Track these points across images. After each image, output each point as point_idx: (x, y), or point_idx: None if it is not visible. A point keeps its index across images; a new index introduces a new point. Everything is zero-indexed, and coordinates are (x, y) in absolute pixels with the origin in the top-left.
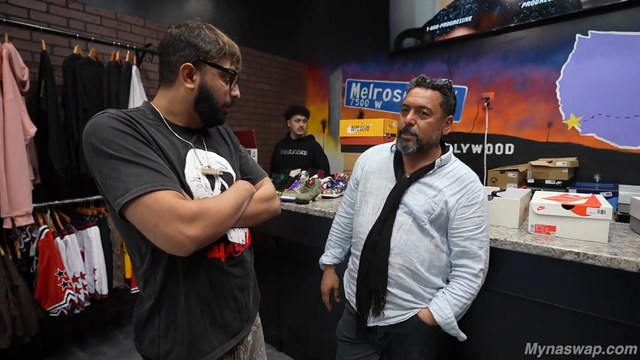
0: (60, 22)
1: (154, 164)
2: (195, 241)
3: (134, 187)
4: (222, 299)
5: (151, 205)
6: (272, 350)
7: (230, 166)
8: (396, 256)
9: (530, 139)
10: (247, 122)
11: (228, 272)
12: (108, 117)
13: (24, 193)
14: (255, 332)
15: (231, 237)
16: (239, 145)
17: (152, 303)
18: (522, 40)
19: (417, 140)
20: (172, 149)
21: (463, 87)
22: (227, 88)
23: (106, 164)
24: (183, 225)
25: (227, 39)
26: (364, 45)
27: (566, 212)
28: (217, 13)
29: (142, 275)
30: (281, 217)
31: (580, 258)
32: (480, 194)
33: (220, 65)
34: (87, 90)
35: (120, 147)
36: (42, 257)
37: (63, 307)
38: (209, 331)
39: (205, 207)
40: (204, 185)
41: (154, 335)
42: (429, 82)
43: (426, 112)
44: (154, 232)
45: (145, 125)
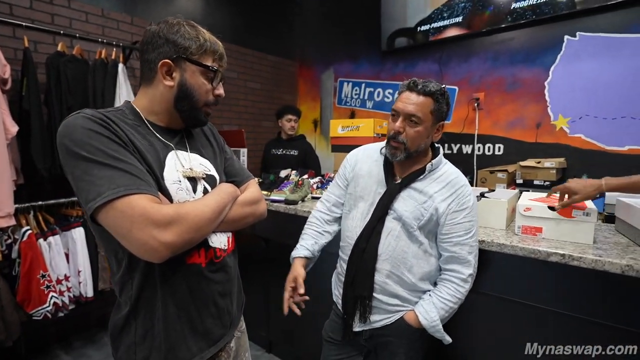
0: (44, 18)
1: (129, 167)
2: (170, 247)
3: (107, 191)
4: (202, 306)
5: (124, 210)
6: (261, 352)
7: (214, 168)
8: (384, 262)
9: (520, 139)
10: (238, 122)
11: (208, 278)
12: (82, 117)
13: (5, 194)
14: (239, 338)
15: (212, 242)
16: (224, 147)
17: (129, 309)
18: (512, 41)
19: (404, 149)
20: (151, 151)
21: (454, 87)
22: (209, 86)
23: (79, 167)
24: (157, 231)
25: (210, 35)
26: (356, 44)
27: (552, 213)
28: (206, 10)
29: (119, 280)
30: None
31: (565, 259)
32: (471, 198)
33: (200, 62)
34: (71, 89)
35: (94, 148)
36: (24, 259)
37: (46, 310)
38: (187, 338)
39: (182, 212)
40: (184, 189)
41: (131, 342)
42: (421, 88)
43: (415, 121)
44: (127, 238)
45: (122, 126)
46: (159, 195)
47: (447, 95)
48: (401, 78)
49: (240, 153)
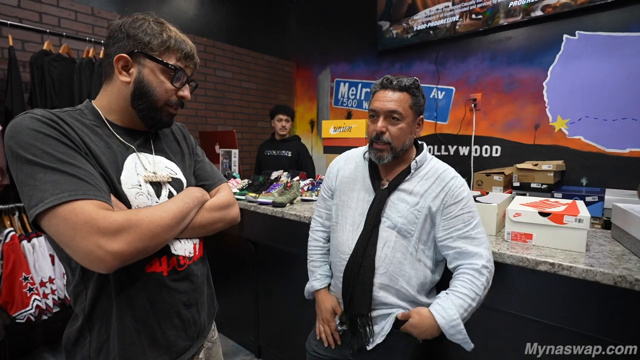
0: (32, 17)
1: (76, 170)
2: (119, 257)
3: (50, 197)
4: (163, 317)
5: (67, 217)
6: (251, 357)
7: (181, 171)
8: (381, 276)
9: (518, 141)
10: (232, 122)
11: (171, 288)
12: (30, 117)
13: None
14: (209, 349)
15: (175, 250)
16: (196, 149)
17: (82, 321)
18: (509, 40)
19: (390, 149)
20: (108, 153)
21: (450, 87)
22: (170, 86)
23: (23, 170)
24: (104, 240)
25: (177, 34)
26: (352, 44)
27: (543, 219)
28: (200, 9)
29: (72, 290)
30: (259, 220)
31: (555, 269)
32: (464, 189)
33: (159, 59)
34: (56, 88)
35: (40, 151)
36: (6, 261)
37: (29, 313)
38: (147, 352)
39: (134, 219)
40: (145, 193)
41: (84, 356)
42: (396, 84)
43: (397, 117)
44: (71, 247)
45: (76, 127)
46: (110, 201)
47: (421, 88)
48: None
49: (232, 154)
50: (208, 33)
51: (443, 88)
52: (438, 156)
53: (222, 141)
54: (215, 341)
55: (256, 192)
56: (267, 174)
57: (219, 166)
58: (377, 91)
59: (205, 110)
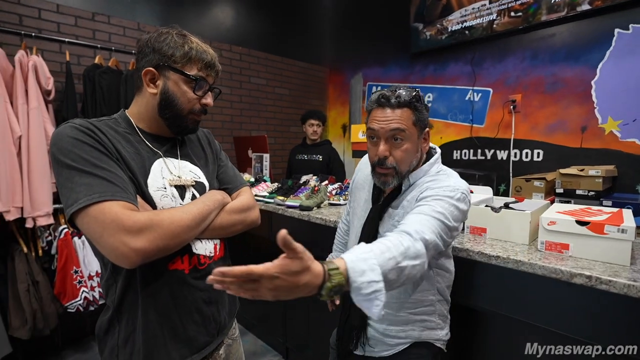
0: (86, 34)
1: (107, 174)
2: (141, 253)
3: (83, 197)
4: (184, 313)
5: (96, 216)
6: (278, 358)
7: (204, 175)
8: None
9: (562, 144)
10: (266, 127)
11: (192, 285)
12: (70, 127)
13: (46, 195)
14: (229, 345)
15: (196, 249)
16: (220, 154)
17: (112, 313)
18: (552, 37)
19: (396, 174)
20: (137, 158)
21: (487, 89)
22: (193, 95)
23: (62, 174)
24: (128, 237)
25: (198, 44)
26: (385, 47)
27: (580, 229)
28: (237, 19)
29: (104, 284)
30: (286, 223)
31: (592, 282)
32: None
33: (181, 71)
34: (105, 98)
35: (77, 156)
36: (60, 255)
37: (78, 303)
38: (168, 345)
39: (156, 219)
40: (169, 195)
41: (114, 345)
42: (395, 101)
43: (400, 138)
44: (100, 243)
45: (110, 135)
46: (135, 202)
47: (423, 100)
48: (431, 81)
49: (263, 158)
50: (243, 42)
51: (479, 90)
52: (474, 161)
53: (255, 146)
54: (236, 338)
55: (284, 196)
56: (296, 178)
57: (251, 170)
58: (373, 109)
59: (240, 117)
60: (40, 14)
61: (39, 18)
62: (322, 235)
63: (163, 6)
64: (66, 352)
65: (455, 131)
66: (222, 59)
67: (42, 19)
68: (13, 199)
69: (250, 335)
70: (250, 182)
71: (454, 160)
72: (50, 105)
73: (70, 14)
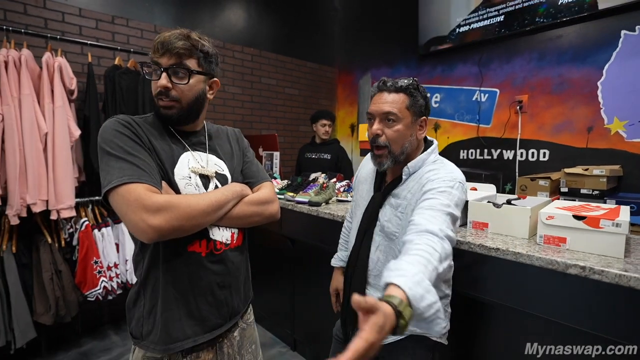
0: (106, 36)
1: (138, 161)
2: (158, 230)
3: (115, 179)
4: (199, 293)
5: (124, 195)
6: (286, 349)
7: (228, 169)
8: (376, 277)
9: (568, 144)
10: (276, 126)
11: (207, 268)
12: (114, 121)
13: (68, 188)
14: (244, 329)
15: (213, 235)
16: (247, 151)
17: (139, 286)
18: (559, 38)
19: (389, 153)
20: (167, 150)
21: (494, 89)
22: (154, 80)
23: (103, 159)
24: (147, 215)
25: (165, 33)
26: (393, 49)
27: (577, 223)
28: (248, 21)
29: (134, 259)
30: (296, 218)
31: (585, 272)
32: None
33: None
34: (124, 97)
35: (115, 145)
36: (81, 246)
37: (97, 292)
38: (182, 320)
39: (174, 201)
40: (193, 184)
41: (140, 315)
42: (391, 85)
43: (392, 119)
44: (124, 219)
45: (145, 128)
46: (159, 186)
47: (422, 89)
48: (439, 81)
49: (274, 156)
50: (255, 43)
51: (486, 90)
52: (480, 160)
53: (265, 144)
54: (251, 323)
55: (294, 192)
56: (306, 176)
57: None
58: (374, 95)
59: (250, 116)
60: (64, 18)
61: (63, 21)
62: (329, 229)
63: (178, 9)
64: (85, 339)
65: (462, 131)
66: (234, 60)
67: (65, 22)
68: (39, 192)
69: (259, 327)
70: None
71: (461, 160)
72: (73, 104)
73: (91, 17)
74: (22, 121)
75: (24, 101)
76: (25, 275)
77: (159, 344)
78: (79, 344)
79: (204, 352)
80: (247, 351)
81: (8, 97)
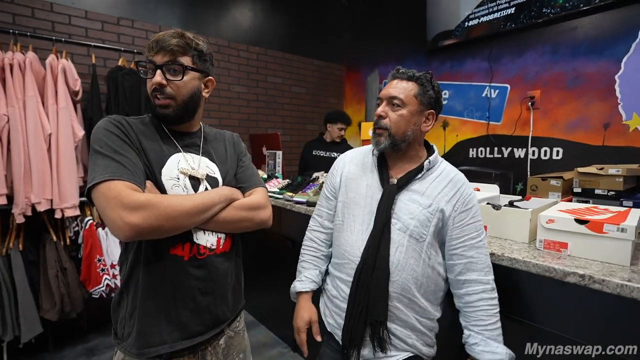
0: (112, 37)
1: (123, 159)
2: (134, 229)
3: (99, 176)
4: (179, 298)
5: (104, 192)
6: (287, 350)
7: (219, 172)
8: (394, 283)
9: (583, 142)
10: (282, 125)
11: (189, 272)
12: (106, 120)
13: (72, 188)
14: (231, 337)
15: (197, 239)
16: (243, 156)
17: (122, 287)
18: (574, 30)
19: (389, 135)
20: (157, 150)
21: (505, 85)
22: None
23: (92, 157)
24: (125, 212)
25: (158, 34)
26: (401, 44)
27: (579, 227)
28: (254, 21)
29: (119, 259)
30: (295, 219)
31: (585, 281)
32: (474, 196)
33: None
34: (127, 98)
35: (103, 144)
36: (86, 244)
37: (101, 290)
38: (161, 325)
39: (154, 200)
40: (182, 186)
41: (122, 317)
42: (403, 73)
43: (398, 104)
44: (104, 215)
45: (137, 128)
46: (142, 185)
47: (435, 83)
48: (448, 78)
49: (276, 155)
50: (260, 42)
51: (496, 86)
52: (490, 159)
53: (269, 143)
54: (239, 331)
55: (293, 192)
56: (308, 175)
57: (265, 167)
58: (388, 82)
59: (256, 115)
60: (70, 20)
61: (69, 24)
62: None
63: (183, 9)
64: (91, 335)
65: (471, 129)
66: (239, 59)
67: (72, 24)
68: (43, 191)
69: (261, 327)
70: (264, 178)
71: (470, 159)
72: (79, 104)
73: (97, 20)
74: (26, 122)
75: (29, 102)
76: (32, 272)
77: (134, 348)
78: (86, 339)
79: (184, 359)
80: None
81: (13, 98)
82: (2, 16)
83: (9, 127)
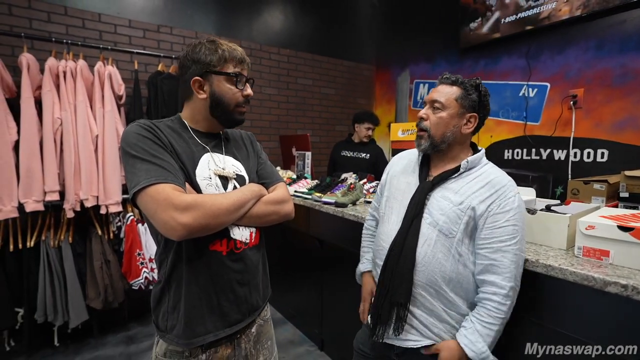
0: (152, 44)
1: (163, 162)
2: (187, 228)
3: (143, 180)
4: (220, 290)
5: (153, 195)
6: (314, 348)
7: (245, 170)
8: (420, 273)
9: (631, 143)
10: (311, 126)
11: (228, 266)
12: (136, 125)
13: (116, 186)
14: (261, 325)
15: (233, 234)
16: (260, 153)
17: (163, 284)
18: (622, 24)
19: (428, 137)
20: (188, 152)
21: (544, 83)
22: (236, 89)
23: (128, 162)
24: (176, 213)
25: (227, 45)
26: (433, 43)
27: (623, 234)
28: (285, 23)
29: (158, 258)
30: (323, 219)
31: (628, 292)
32: (515, 199)
33: (222, 71)
34: (166, 101)
35: (139, 148)
36: (127, 239)
37: (140, 282)
38: (205, 316)
39: (200, 200)
40: (214, 185)
41: (165, 311)
42: (447, 78)
43: (438, 107)
44: (154, 218)
45: (166, 132)
46: (184, 186)
47: (482, 88)
48: (482, 76)
49: (306, 156)
50: (291, 44)
51: (535, 85)
52: (527, 161)
53: (298, 144)
54: (267, 320)
55: (322, 192)
56: (336, 175)
57: (294, 167)
58: (435, 87)
59: (286, 116)
60: (116, 29)
61: (115, 32)
62: (354, 231)
63: (218, 15)
64: (131, 324)
65: (507, 129)
66: (270, 62)
67: (117, 33)
68: (90, 188)
69: (289, 324)
70: (292, 178)
71: (506, 160)
72: (123, 108)
73: (139, 28)
74: (76, 125)
75: (79, 107)
76: (80, 263)
77: (182, 338)
78: (127, 327)
79: (222, 347)
80: (263, 347)
81: (65, 103)
82: (57, 28)
83: (62, 129)
